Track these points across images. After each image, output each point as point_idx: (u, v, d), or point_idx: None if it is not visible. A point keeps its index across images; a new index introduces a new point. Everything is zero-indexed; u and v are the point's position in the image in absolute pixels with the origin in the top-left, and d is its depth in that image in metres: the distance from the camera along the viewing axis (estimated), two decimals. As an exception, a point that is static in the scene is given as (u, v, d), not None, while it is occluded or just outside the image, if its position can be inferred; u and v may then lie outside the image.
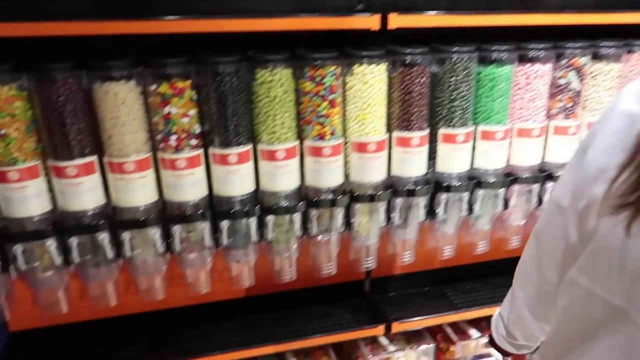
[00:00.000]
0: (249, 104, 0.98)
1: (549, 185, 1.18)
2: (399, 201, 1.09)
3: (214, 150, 0.98)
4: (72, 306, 1.06)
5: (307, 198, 1.05)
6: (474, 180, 1.12)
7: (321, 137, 1.01)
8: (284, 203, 1.03)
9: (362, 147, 1.04)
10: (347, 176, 1.08)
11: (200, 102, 0.96)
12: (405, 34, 1.07)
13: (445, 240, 1.18)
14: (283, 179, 1.02)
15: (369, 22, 1.05)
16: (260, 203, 1.04)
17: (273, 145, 0.99)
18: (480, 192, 1.13)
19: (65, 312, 1.05)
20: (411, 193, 1.08)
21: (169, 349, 1.18)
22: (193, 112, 0.95)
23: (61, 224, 0.97)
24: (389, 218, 1.11)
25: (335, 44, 1.06)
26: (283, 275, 1.11)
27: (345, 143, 1.06)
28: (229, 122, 0.96)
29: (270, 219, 1.03)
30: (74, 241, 0.98)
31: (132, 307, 1.24)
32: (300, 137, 1.03)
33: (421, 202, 1.10)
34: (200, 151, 0.97)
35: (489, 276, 1.43)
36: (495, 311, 1.30)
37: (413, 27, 1.07)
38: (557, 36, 1.16)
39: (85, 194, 0.95)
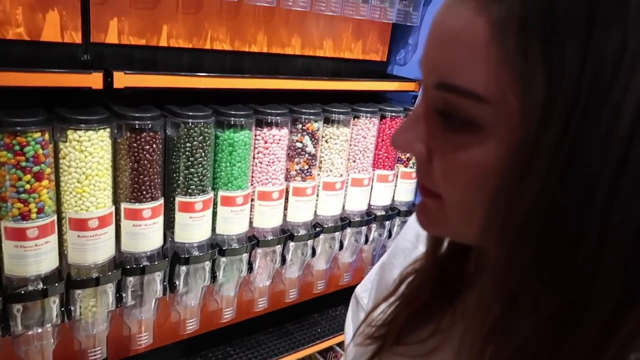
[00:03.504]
0: None
1: (292, 244, 1.22)
2: (131, 280, 0.98)
3: None
4: None
5: (7, 291, 0.85)
6: (216, 248, 1.08)
7: (23, 216, 0.84)
8: (-26, 299, 0.82)
9: (81, 224, 0.90)
10: (65, 257, 0.92)
11: None
12: (137, 93, 0.98)
13: (189, 313, 1.11)
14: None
15: (90, 80, 0.93)
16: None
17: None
18: (223, 259, 1.10)
19: None
20: (145, 270, 0.98)
21: None
22: None
23: None
24: (120, 298, 0.99)
25: (48, 103, 0.91)
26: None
27: (62, 220, 0.90)
28: None
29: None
30: None
31: None
32: (-2, 216, 0.84)
33: (158, 277, 1.01)
34: None
35: (238, 338, 1.41)
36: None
37: (145, 86, 0.99)
38: (290, 100, 1.22)
39: None
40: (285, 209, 1.21)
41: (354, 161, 1.32)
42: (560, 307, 0.34)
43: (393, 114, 1.34)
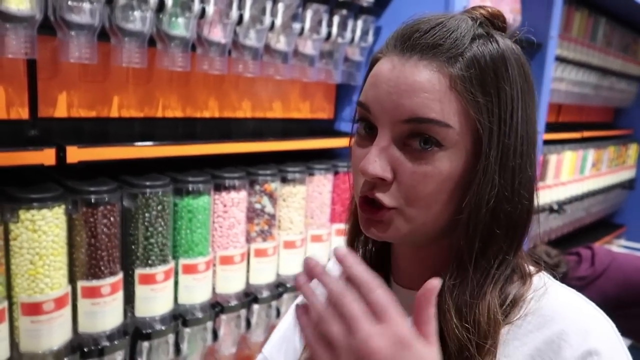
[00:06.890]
0: None
1: (256, 307, 1.19)
2: (89, 363, 0.92)
3: None
4: None
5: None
6: (179, 320, 1.05)
7: (-29, 306, 0.78)
8: None
9: (34, 308, 0.84)
10: (16, 346, 0.85)
11: None
12: (89, 165, 0.96)
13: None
14: None
15: (42, 156, 0.91)
16: None
17: None
18: (187, 330, 1.06)
19: None
20: (104, 351, 0.92)
21: None
22: None
23: None
24: (78, 385, 0.92)
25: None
26: None
27: (12, 305, 0.85)
28: None
29: None
30: None
31: None
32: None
33: (119, 357, 0.96)
34: None
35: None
36: None
37: (99, 159, 0.97)
38: (241, 162, 1.23)
39: None
40: (248, 271, 1.20)
41: (312, 217, 1.34)
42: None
43: (346, 169, 1.39)
